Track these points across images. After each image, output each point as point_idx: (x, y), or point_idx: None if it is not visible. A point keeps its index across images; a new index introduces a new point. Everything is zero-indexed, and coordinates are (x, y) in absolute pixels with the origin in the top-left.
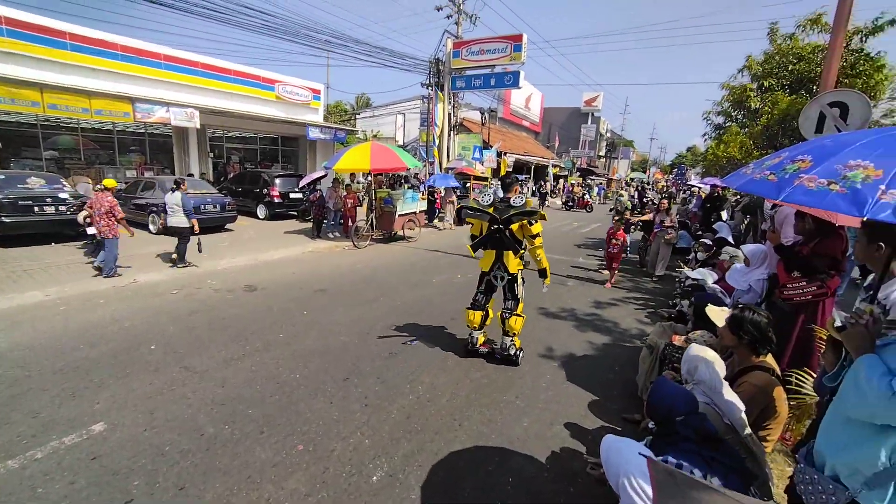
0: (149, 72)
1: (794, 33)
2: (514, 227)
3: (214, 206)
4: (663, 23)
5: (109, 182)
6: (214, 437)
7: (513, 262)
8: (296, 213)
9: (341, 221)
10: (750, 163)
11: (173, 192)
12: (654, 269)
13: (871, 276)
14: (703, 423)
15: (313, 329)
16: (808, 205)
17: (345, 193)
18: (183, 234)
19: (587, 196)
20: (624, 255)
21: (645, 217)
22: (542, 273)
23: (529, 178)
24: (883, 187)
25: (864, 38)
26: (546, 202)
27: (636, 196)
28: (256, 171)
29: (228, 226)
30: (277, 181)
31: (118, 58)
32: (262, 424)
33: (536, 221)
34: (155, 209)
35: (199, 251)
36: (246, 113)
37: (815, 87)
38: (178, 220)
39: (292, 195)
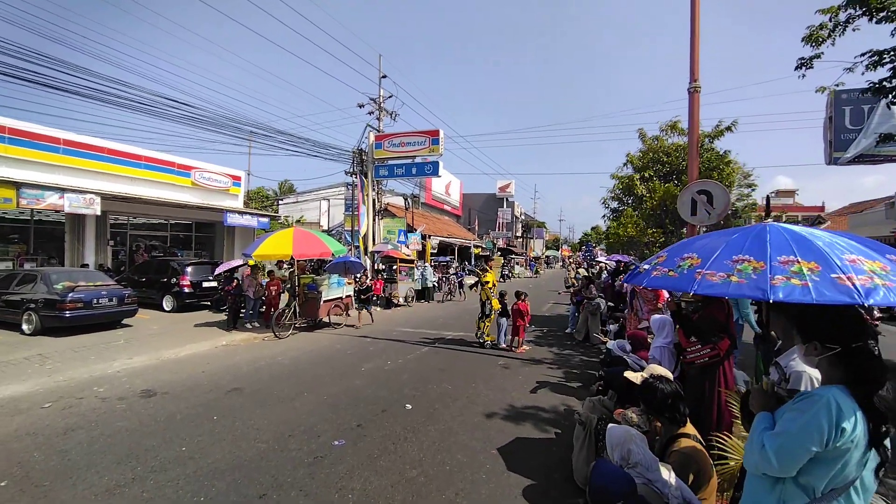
0: (43, 156)
1: (659, 135)
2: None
3: (110, 300)
4: (559, 123)
5: None
6: None
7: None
8: (209, 304)
9: (261, 310)
10: (642, 261)
11: None
12: (585, 335)
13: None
14: None
15: (224, 437)
16: (718, 294)
17: (268, 280)
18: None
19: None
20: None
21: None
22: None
23: (454, 258)
24: (770, 276)
25: (711, 140)
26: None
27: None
28: (164, 258)
29: (126, 321)
30: (189, 269)
31: (4, 141)
32: None
33: (485, 276)
34: (33, 306)
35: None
36: (157, 199)
37: (683, 177)
38: None
39: (205, 284)
